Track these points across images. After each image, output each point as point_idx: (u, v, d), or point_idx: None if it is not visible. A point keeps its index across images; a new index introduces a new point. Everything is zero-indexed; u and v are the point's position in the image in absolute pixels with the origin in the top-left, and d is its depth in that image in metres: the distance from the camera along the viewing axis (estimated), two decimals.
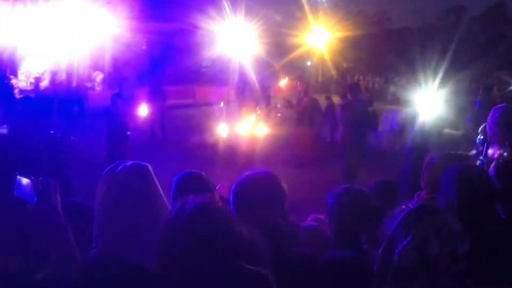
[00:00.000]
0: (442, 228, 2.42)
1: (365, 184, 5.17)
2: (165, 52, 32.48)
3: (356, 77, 37.07)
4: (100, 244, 2.52)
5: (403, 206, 2.58)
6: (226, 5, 30.13)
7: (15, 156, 4.94)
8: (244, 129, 14.09)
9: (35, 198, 2.69)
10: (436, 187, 3.66)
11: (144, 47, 33.50)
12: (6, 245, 3.20)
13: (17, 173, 2.76)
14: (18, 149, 5.03)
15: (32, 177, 2.72)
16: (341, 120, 13.16)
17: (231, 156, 14.36)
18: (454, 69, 23.23)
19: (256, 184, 3.13)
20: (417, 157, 9.65)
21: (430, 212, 2.51)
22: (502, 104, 5.67)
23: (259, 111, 14.79)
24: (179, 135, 19.63)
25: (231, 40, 29.19)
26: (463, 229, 2.48)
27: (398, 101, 27.07)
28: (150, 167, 2.72)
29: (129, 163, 2.74)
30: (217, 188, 4.12)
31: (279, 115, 17.32)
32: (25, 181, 2.73)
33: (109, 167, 2.71)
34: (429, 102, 10.36)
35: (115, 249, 2.47)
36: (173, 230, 2.05)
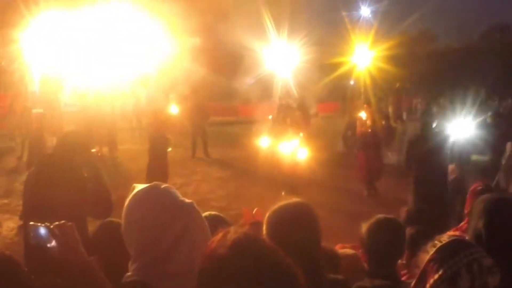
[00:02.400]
0: (473, 262, 2.44)
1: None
2: (209, 69, 32.69)
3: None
4: (136, 272, 2.55)
5: (435, 241, 2.60)
6: (269, 24, 30.27)
7: (59, 174, 5.02)
8: (288, 149, 14.06)
9: (54, 244, 2.74)
10: None
11: (187, 63, 33.78)
12: None
13: (29, 224, 2.81)
14: (60, 166, 5.11)
15: (47, 223, 2.77)
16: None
17: (274, 176, 14.37)
18: (497, 90, 22.98)
19: (289, 214, 3.14)
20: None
21: (461, 246, 2.52)
22: None
23: (301, 134, 14.70)
24: (221, 152, 19.71)
25: (275, 59, 29.31)
26: (493, 262, 2.48)
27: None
28: (194, 204, 2.60)
29: (168, 196, 2.58)
30: (254, 211, 4.14)
31: None
32: (39, 228, 2.77)
33: (140, 198, 2.58)
34: (461, 126, 10.27)
35: (150, 279, 2.45)
36: (215, 259, 2.09)
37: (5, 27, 28.41)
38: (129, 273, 2.52)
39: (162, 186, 2.59)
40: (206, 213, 3.85)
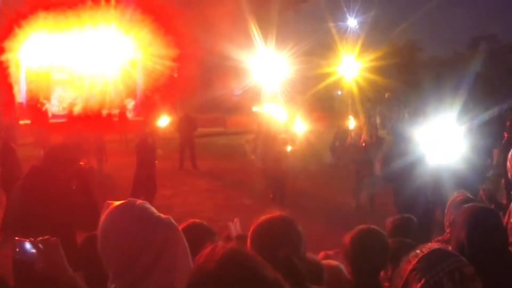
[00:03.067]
0: (454, 271, 2.50)
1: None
2: (197, 80, 32.73)
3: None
4: (118, 283, 2.54)
5: (417, 251, 2.66)
6: (257, 34, 30.38)
7: (47, 187, 5.02)
8: (273, 160, 14.10)
9: (39, 259, 2.77)
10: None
11: (175, 75, 33.81)
12: None
13: (15, 238, 2.83)
14: (49, 179, 5.11)
15: (31, 239, 2.80)
16: None
17: (260, 186, 14.41)
18: (484, 100, 23.09)
19: (273, 228, 3.18)
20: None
21: (442, 256, 2.59)
22: None
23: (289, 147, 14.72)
24: (209, 164, 19.72)
25: (262, 69, 29.40)
26: (475, 271, 2.54)
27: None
28: (171, 219, 2.54)
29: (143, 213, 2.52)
30: (233, 222, 4.18)
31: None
32: (25, 243, 2.79)
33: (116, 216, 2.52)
34: (447, 136, 10.30)
35: None
36: (203, 274, 2.12)
37: None
38: None
39: (138, 203, 2.53)
40: (190, 221, 3.90)
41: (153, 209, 2.53)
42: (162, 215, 2.52)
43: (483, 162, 10.96)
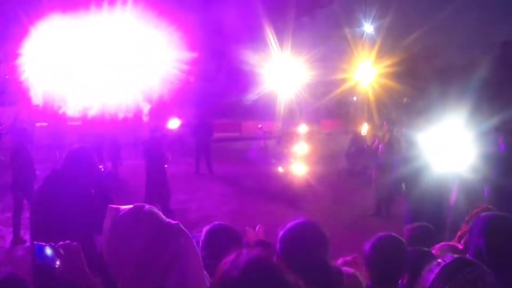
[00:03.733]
0: (477, 279, 2.50)
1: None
2: (212, 86, 32.81)
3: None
4: None
5: (439, 260, 2.66)
6: (273, 40, 30.40)
7: (67, 191, 5.03)
8: (289, 165, 14.11)
9: (59, 263, 2.75)
10: None
11: (191, 79, 33.88)
12: None
13: (35, 242, 2.81)
14: (69, 183, 5.11)
15: (52, 243, 2.77)
16: None
17: (276, 191, 14.39)
18: (495, 108, 22.95)
19: (303, 233, 3.22)
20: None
21: (465, 265, 2.59)
22: None
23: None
24: (225, 168, 19.72)
25: (278, 75, 29.40)
26: (495, 279, 2.55)
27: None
28: (181, 226, 2.45)
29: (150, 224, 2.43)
30: (256, 229, 4.18)
31: None
32: (44, 248, 2.77)
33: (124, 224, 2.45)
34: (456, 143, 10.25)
35: None
36: (228, 282, 2.11)
37: (9, 42, 28.56)
38: None
39: (146, 208, 2.46)
40: (216, 223, 3.91)
41: (161, 215, 2.47)
42: (172, 221, 2.45)
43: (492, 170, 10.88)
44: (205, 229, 3.89)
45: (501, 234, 3.37)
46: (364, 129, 18.49)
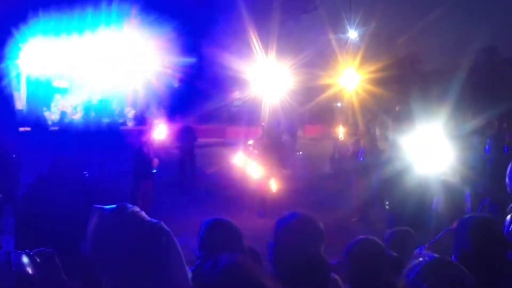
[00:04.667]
0: (455, 280, 2.55)
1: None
2: (197, 91, 32.80)
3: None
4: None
5: (420, 259, 2.71)
6: (257, 45, 30.41)
7: (53, 196, 5.03)
8: (274, 172, 14.12)
9: (35, 271, 2.77)
10: None
11: (176, 85, 33.86)
12: None
13: (11, 251, 2.83)
14: (53, 189, 5.12)
15: (27, 251, 2.80)
16: None
17: (261, 196, 14.39)
18: (477, 112, 23.13)
19: (296, 223, 3.34)
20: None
21: (444, 265, 2.64)
22: None
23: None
24: (209, 174, 19.72)
25: (262, 80, 29.38)
26: (474, 281, 2.60)
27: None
28: (163, 224, 2.52)
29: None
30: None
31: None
32: (20, 255, 2.79)
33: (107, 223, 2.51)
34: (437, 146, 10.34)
35: None
36: (207, 283, 2.18)
37: None
38: None
39: (129, 207, 2.51)
40: (217, 218, 3.97)
41: (144, 214, 2.50)
42: (154, 220, 2.49)
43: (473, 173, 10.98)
44: (204, 223, 3.95)
45: (487, 235, 3.43)
46: (341, 132, 18.54)
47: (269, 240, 3.42)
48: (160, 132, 18.39)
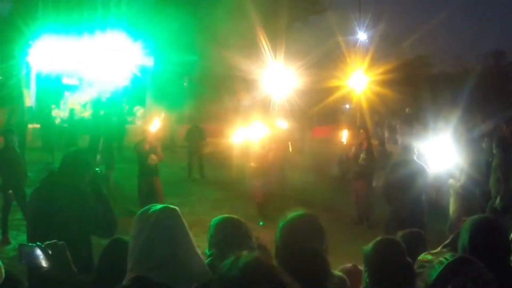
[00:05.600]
0: (478, 278, 2.58)
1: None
2: (204, 91, 32.81)
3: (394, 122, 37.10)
4: (136, 270, 2.63)
5: (441, 258, 2.73)
6: (266, 46, 30.41)
7: (65, 193, 5.06)
8: (282, 172, 14.11)
9: (46, 262, 2.80)
10: None
11: (185, 84, 33.90)
12: None
13: (19, 244, 2.87)
14: (67, 185, 5.14)
15: (39, 244, 2.84)
16: None
17: (268, 197, 14.37)
18: (486, 115, 23.10)
19: (300, 223, 3.43)
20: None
21: (466, 264, 2.67)
22: None
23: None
24: (216, 174, 19.74)
25: (271, 81, 29.36)
26: (493, 277, 2.63)
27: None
28: (178, 210, 2.90)
29: (159, 206, 2.91)
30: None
31: None
32: (30, 249, 2.83)
33: (141, 210, 2.88)
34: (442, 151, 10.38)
35: (149, 274, 2.61)
36: (227, 281, 2.20)
37: (3, 43, 28.54)
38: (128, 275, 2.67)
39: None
40: (228, 216, 4.01)
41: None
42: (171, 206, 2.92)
43: (482, 175, 11.00)
44: (213, 222, 3.99)
45: (482, 232, 3.55)
46: (344, 136, 18.45)
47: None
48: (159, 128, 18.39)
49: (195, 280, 2.67)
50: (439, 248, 4.40)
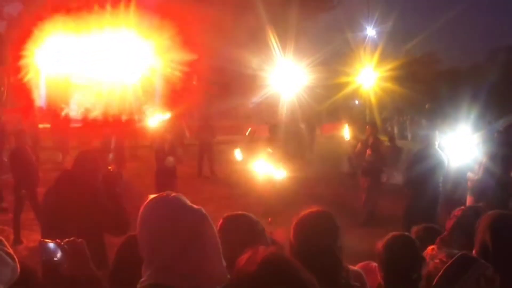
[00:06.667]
0: (480, 277, 2.59)
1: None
2: (216, 88, 32.86)
3: (403, 118, 37.06)
4: (149, 275, 2.63)
5: (437, 260, 2.75)
6: (275, 43, 30.42)
7: (79, 192, 5.11)
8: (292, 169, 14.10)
9: (64, 260, 2.85)
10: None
11: (195, 82, 33.93)
12: None
13: (41, 240, 2.91)
14: (81, 184, 5.19)
15: (58, 240, 2.88)
16: None
17: (278, 194, 14.38)
18: (499, 110, 23.07)
19: (314, 220, 3.44)
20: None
21: (467, 263, 2.68)
22: None
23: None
24: (227, 171, 19.77)
25: (280, 78, 29.38)
26: (494, 270, 2.65)
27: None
28: (203, 210, 2.74)
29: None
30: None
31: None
32: (51, 244, 2.87)
33: (151, 205, 2.72)
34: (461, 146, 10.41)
35: (163, 279, 2.55)
36: (245, 276, 2.23)
37: (14, 44, 28.67)
38: (143, 279, 2.60)
39: (172, 194, 2.70)
40: (239, 213, 4.01)
41: (186, 200, 2.69)
42: (195, 206, 2.68)
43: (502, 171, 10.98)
44: (224, 218, 3.99)
45: (506, 230, 3.49)
46: (347, 132, 18.42)
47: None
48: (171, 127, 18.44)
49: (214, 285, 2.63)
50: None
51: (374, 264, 4.10)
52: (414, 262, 3.61)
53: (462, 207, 4.62)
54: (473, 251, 3.42)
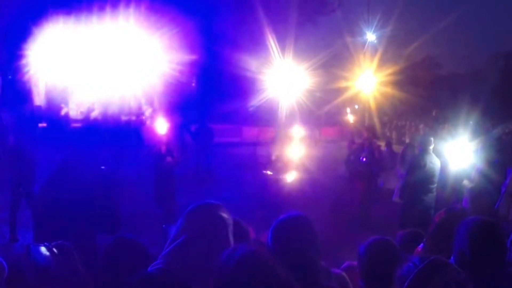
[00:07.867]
0: (451, 283, 2.60)
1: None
2: (213, 91, 32.91)
3: (403, 122, 37.13)
4: (166, 261, 2.71)
5: (410, 264, 2.76)
6: (274, 47, 30.46)
7: (68, 190, 5.13)
8: (289, 171, 14.13)
9: (53, 262, 2.88)
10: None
11: (193, 84, 33.97)
12: None
13: (30, 243, 2.94)
14: (71, 183, 5.21)
15: (47, 244, 2.91)
16: None
17: (275, 197, 14.40)
18: (499, 116, 23.09)
19: (292, 225, 3.43)
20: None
21: (438, 268, 2.68)
22: None
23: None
24: (224, 173, 19.80)
25: (279, 82, 29.41)
26: (466, 276, 2.66)
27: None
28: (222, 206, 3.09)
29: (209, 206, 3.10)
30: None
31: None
32: (39, 248, 2.91)
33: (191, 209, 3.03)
34: (460, 152, 10.41)
35: (179, 269, 2.68)
36: (224, 270, 2.29)
37: (12, 43, 28.68)
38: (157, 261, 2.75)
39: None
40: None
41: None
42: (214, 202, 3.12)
43: (499, 177, 11.01)
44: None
45: (483, 237, 3.52)
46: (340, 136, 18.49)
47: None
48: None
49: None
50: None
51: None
52: (393, 267, 3.64)
53: (442, 212, 4.62)
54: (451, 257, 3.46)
